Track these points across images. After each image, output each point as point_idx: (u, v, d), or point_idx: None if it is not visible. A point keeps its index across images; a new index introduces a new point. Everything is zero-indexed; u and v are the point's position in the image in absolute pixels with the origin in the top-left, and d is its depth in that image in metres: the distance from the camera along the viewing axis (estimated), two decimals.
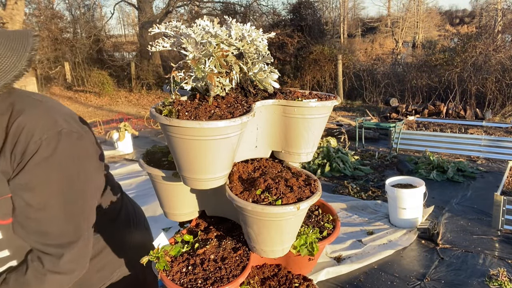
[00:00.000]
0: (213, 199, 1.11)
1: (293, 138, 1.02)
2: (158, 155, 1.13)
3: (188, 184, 0.92)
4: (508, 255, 3.46)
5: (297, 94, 1.05)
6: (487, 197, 4.62)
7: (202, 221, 1.15)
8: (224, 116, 0.84)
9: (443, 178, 5.40)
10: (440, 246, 3.67)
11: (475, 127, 7.48)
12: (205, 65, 0.88)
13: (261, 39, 0.96)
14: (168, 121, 0.81)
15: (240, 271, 0.91)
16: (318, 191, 0.91)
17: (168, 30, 0.92)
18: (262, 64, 0.98)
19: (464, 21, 31.88)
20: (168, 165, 1.05)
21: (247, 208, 0.85)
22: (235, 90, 0.98)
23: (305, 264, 1.10)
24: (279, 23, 14.37)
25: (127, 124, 6.99)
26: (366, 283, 3.17)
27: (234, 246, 1.00)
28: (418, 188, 3.96)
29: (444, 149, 6.57)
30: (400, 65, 13.09)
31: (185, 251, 0.99)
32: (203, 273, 0.90)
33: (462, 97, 9.95)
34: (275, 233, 0.90)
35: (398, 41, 20.39)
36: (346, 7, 29.51)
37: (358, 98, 12.19)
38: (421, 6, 25.24)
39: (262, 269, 1.12)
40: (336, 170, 5.74)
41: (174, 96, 0.92)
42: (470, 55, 10.02)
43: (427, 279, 3.17)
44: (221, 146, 0.85)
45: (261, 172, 1.00)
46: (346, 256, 3.51)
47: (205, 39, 0.86)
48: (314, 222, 1.13)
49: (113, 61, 16.56)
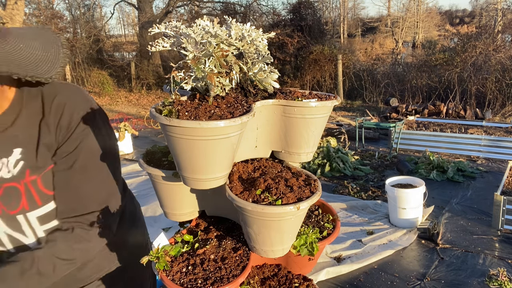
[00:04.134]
0: (213, 199, 1.11)
1: (293, 138, 1.02)
2: (158, 155, 1.13)
3: (188, 184, 0.92)
4: (508, 255, 3.46)
5: (297, 94, 1.05)
6: (487, 197, 4.63)
7: (202, 221, 1.15)
8: (224, 116, 0.84)
9: (443, 178, 5.40)
10: (440, 246, 3.67)
11: (475, 127, 7.48)
12: (205, 65, 0.88)
13: (261, 39, 0.96)
14: (168, 121, 0.81)
15: (240, 271, 0.91)
16: (318, 191, 0.91)
17: (168, 30, 0.92)
18: (262, 64, 0.98)
19: (464, 21, 31.88)
20: (168, 165, 1.05)
21: (247, 208, 0.85)
22: (235, 90, 0.98)
23: (305, 264, 1.10)
24: (279, 23, 14.37)
25: (127, 124, 6.99)
26: (366, 283, 3.17)
27: (234, 246, 1.00)
28: (418, 188, 3.96)
29: (444, 149, 6.57)
30: (400, 65, 13.09)
31: (185, 251, 0.99)
32: (203, 273, 0.90)
33: (462, 97, 9.95)
34: (275, 233, 0.90)
35: (398, 41, 20.39)
36: (346, 7, 29.52)
37: (358, 98, 12.19)
38: (421, 6, 25.24)
39: (262, 269, 1.12)
40: (336, 170, 5.74)
41: (174, 96, 0.91)
42: (470, 55, 10.02)
43: (427, 279, 3.17)
44: (221, 146, 0.85)
45: (261, 172, 1.00)
46: (346, 256, 3.51)
47: (205, 39, 0.86)
48: (314, 222, 1.13)
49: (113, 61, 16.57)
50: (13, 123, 1.12)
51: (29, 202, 1.13)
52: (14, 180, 1.12)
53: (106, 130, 1.21)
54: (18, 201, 1.13)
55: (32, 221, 1.15)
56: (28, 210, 1.13)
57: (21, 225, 1.15)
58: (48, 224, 1.18)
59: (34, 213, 1.14)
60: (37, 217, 1.15)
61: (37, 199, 1.14)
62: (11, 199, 1.12)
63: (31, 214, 1.14)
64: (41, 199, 1.14)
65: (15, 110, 1.12)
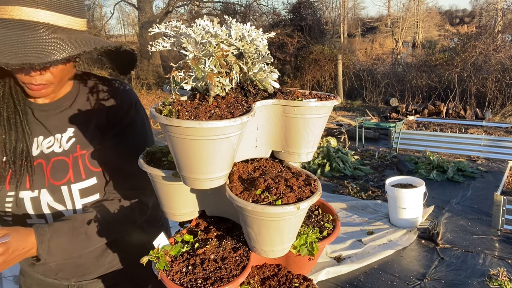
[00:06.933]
0: (213, 199, 1.11)
1: (293, 138, 1.02)
2: (158, 155, 1.12)
3: (188, 184, 0.92)
4: (508, 255, 3.46)
5: (297, 94, 1.05)
6: (487, 197, 4.63)
7: (202, 221, 1.15)
8: (224, 116, 0.84)
9: (443, 178, 5.40)
10: (440, 246, 3.67)
11: (475, 127, 7.48)
12: (205, 65, 0.88)
13: (261, 39, 0.96)
14: (168, 121, 0.81)
15: (240, 271, 0.91)
16: (318, 191, 0.91)
17: (168, 30, 0.92)
18: (262, 64, 0.98)
19: (464, 21, 31.88)
20: (168, 165, 1.05)
21: (247, 208, 0.85)
22: (235, 90, 0.98)
23: (305, 264, 1.10)
24: (279, 23, 14.37)
25: None
26: (366, 283, 3.17)
27: (234, 246, 1.00)
28: (418, 188, 3.96)
29: (444, 149, 6.57)
30: (400, 65, 13.09)
31: (185, 251, 0.99)
32: (203, 273, 0.90)
33: (462, 97, 9.95)
34: (275, 233, 0.90)
35: (398, 41, 20.39)
36: (346, 7, 29.52)
37: (358, 98, 12.19)
38: (421, 6, 25.24)
39: (262, 269, 1.12)
40: (336, 170, 5.74)
41: (174, 96, 0.91)
42: (470, 55, 10.02)
43: (427, 279, 3.17)
44: (221, 146, 0.85)
45: (261, 172, 1.00)
46: (346, 256, 3.51)
47: (205, 39, 0.86)
48: (314, 222, 1.13)
49: None
50: (71, 106, 1.32)
51: (75, 175, 1.29)
52: (64, 154, 1.29)
53: (147, 121, 1.42)
54: (65, 173, 1.28)
55: (74, 193, 1.29)
56: (73, 182, 1.29)
57: (63, 196, 1.29)
58: (88, 198, 1.31)
59: (78, 185, 1.29)
60: (80, 189, 1.30)
61: (82, 172, 1.30)
62: (58, 171, 1.28)
63: (75, 186, 1.29)
64: (85, 173, 1.30)
65: (73, 95, 1.33)
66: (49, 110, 1.30)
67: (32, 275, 1.44)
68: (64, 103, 1.31)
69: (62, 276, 1.39)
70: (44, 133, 1.30)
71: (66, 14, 1.18)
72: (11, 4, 1.10)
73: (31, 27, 1.11)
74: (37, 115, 1.30)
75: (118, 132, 1.34)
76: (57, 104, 1.31)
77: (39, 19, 1.12)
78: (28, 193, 1.27)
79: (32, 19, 1.11)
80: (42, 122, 1.30)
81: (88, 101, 1.34)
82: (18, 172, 1.24)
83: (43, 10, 1.12)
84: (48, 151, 1.29)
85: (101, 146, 1.32)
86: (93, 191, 1.32)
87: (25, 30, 1.11)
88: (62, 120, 1.30)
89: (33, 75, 1.16)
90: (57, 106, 1.31)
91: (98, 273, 1.42)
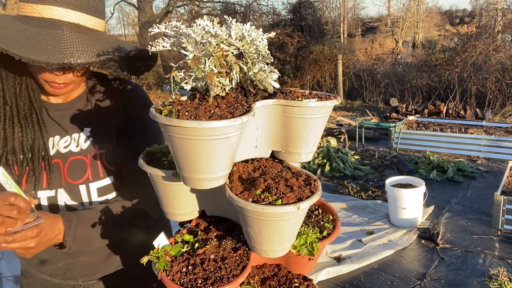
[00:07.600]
0: (213, 199, 1.11)
1: (293, 138, 1.02)
2: (158, 155, 1.12)
3: (188, 184, 0.92)
4: (508, 255, 3.46)
5: (297, 94, 1.05)
6: (487, 197, 4.63)
7: (202, 221, 1.15)
8: (224, 116, 0.84)
9: (443, 178, 5.40)
10: (440, 246, 3.67)
11: (475, 127, 7.48)
12: (205, 65, 0.88)
13: (261, 39, 0.95)
14: (168, 121, 0.81)
15: (240, 271, 0.91)
16: (318, 191, 0.91)
17: (168, 30, 0.92)
18: (262, 64, 0.98)
19: (464, 21, 31.86)
20: (168, 165, 1.05)
21: (247, 208, 0.85)
22: (235, 90, 0.98)
23: (305, 264, 1.10)
24: (279, 23, 14.37)
25: None
26: (366, 283, 3.17)
27: (234, 246, 1.00)
28: (418, 188, 3.95)
29: (444, 149, 6.57)
30: (400, 65, 13.09)
31: (185, 251, 0.99)
32: (203, 273, 0.90)
33: (462, 97, 9.95)
34: (275, 233, 0.90)
35: (398, 41, 20.39)
36: (346, 7, 29.52)
37: (358, 98, 12.19)
38: (421, 6, 25.23)
39: (262, 269, 1.12)
40: (336, 170, 5.74)
41: (174, 96, 0.91)
42: (470, 55, 10.02)
43: (427, 279, 3.17)
44: (221, 146, 0.85)
45: (261, 172, 1.00)
46: (346, 256, 3.51)
47: (205, 39, 0.86)
48: (314, 222, 1.13)
49: None
50: (86, 105, 1.33)
51: (93, 174, 1.30)
52: (81, 154, 1.30)
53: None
54: (83, 172, 1.30)
55: (92, 192, 1.31)
56: (91, 181, 1.30)
57: (81, 195, 1.30)
58: (104, 197, 1.33)
59: (96, 184, 1.31)
60: (98, 188, 1.31)
61: (100, 171, 1.32)
62: (76, 171, 1.29)
63: (93, 185, 1.31)
64: (103, 172, 1.32)
65: (88, 95, 1.35)
66: (65, 109, 1.31)
67: (36, 276, 1.42)
68: (79, 103, 1.33)
69: (71, 275, 1.39)
70: (61, 132, 1.30)
71: (93, 16, 1.19)
72: (42, 3, 1.11)
73: (62, 27, 1.12)
74: (52, 114, 1.29)
75: (137, 131, 1.36)
76: (72, 104, 1.32)
77: (70, 19, 1.13)
78: (45, 192, 1.27)
79: (63, 19, 1.12)
80: (57, 122, 1.30)
81: (104, 101, 1.36)
82: (36, 171, 1.24)
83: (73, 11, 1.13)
84: (65, 150, 1.29)
85: (118, 145, 1.34)
86: (110, 190, 1.34)
87: (57, 30, 1.11)
88: (78, 120, 1.32)
89: (57, 74, 1.16)
90: (72, 105, 1.31)
91: (106, 272, 1.42)
